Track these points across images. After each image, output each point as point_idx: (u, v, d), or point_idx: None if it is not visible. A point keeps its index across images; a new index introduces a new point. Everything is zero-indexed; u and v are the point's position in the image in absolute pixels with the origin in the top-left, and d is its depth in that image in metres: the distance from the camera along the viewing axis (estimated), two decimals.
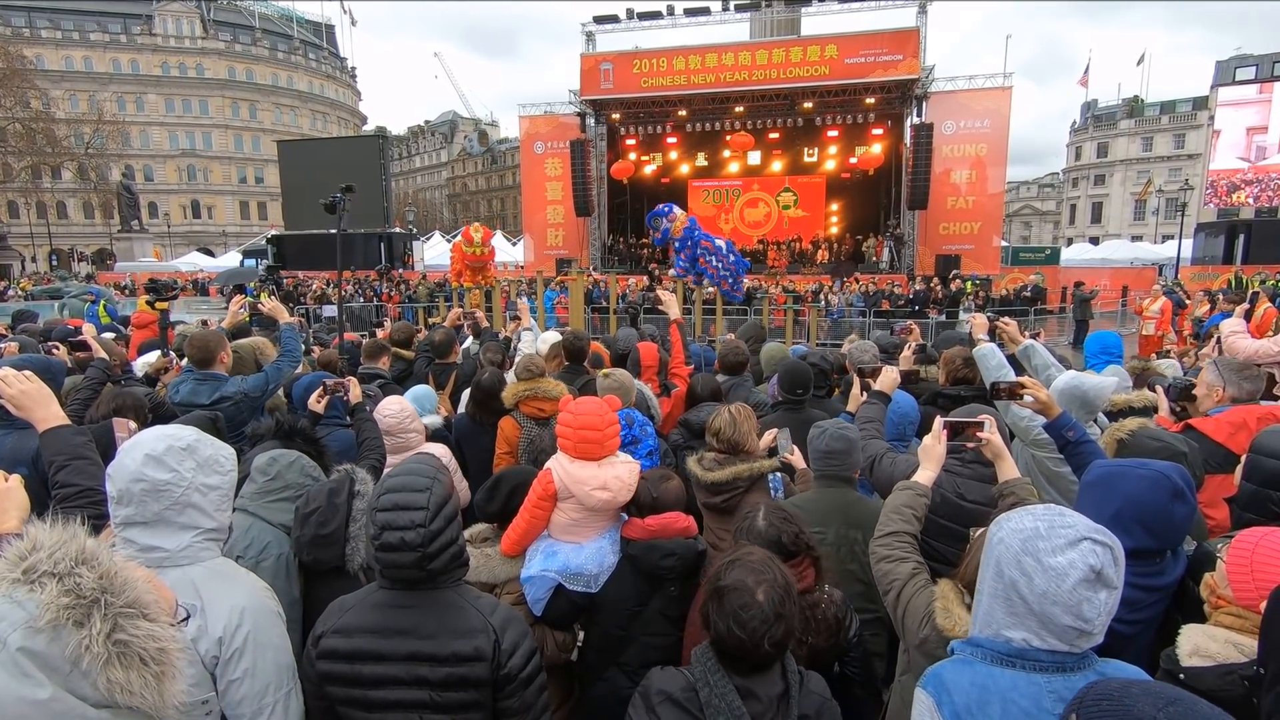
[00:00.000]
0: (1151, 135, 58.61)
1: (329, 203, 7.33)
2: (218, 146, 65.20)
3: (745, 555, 1.74)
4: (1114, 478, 2.02)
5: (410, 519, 1.77)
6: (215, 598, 1.73)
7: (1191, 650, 1.68)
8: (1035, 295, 19.80)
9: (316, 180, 20.95)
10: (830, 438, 2.82)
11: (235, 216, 66.19)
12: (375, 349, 5.36)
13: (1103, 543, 1.31)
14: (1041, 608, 1.31)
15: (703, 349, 5.91)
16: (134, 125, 61.11)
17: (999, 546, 1.40)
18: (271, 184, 57.85)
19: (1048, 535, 1.33)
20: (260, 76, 66.53)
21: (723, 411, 3.05)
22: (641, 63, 25.60)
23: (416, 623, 1.80)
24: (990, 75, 24.82)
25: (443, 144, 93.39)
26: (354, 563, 2.35)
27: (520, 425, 3.97)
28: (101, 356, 4.00)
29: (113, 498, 1.72)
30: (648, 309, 16.09)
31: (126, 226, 42.42)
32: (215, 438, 1.91)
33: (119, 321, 10.41)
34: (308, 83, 70.45)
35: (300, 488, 2.47)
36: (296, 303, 20.89)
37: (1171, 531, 1.95)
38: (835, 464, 2.82)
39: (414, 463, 1.95)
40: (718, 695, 1.60)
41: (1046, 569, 1.30)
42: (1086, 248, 38.07)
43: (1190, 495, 1.95)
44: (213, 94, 64.42)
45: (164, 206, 61.32)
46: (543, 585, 2.49)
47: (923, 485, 2.26)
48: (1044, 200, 73.66)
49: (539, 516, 2.59)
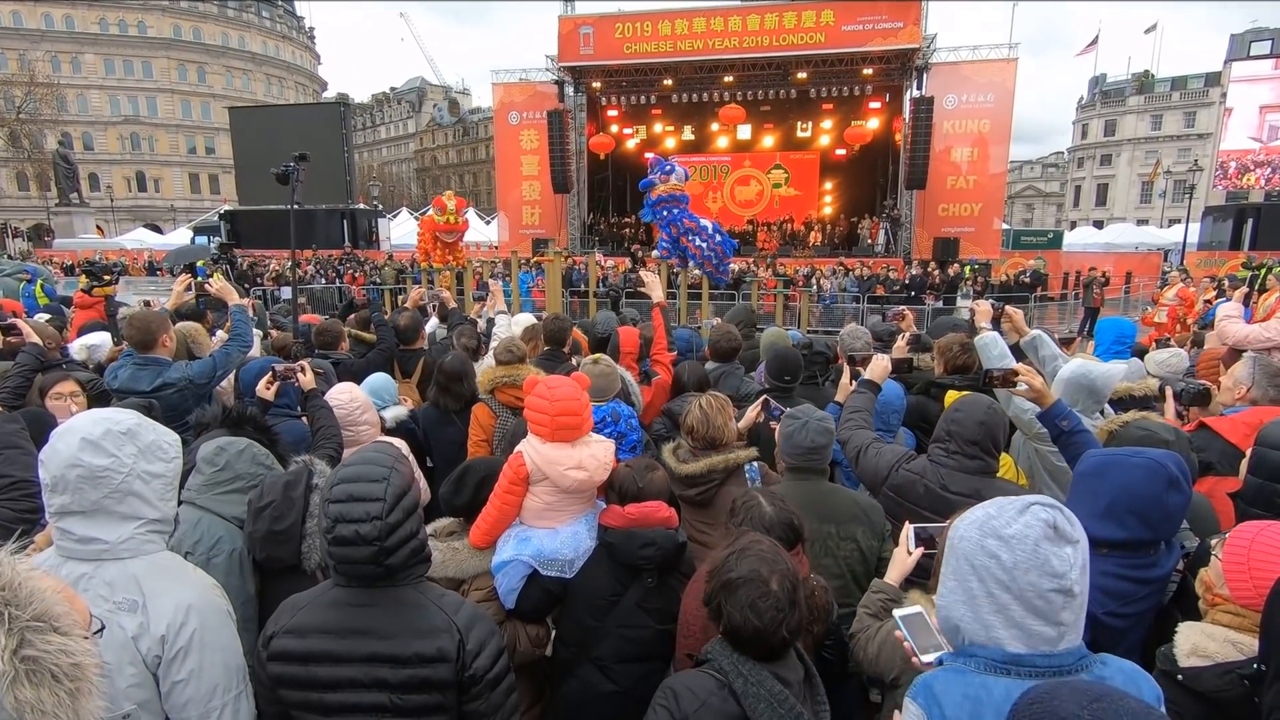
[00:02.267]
0: (1161, 113, 59.23)
1: (280, 172, 7.23)
2: (163, 113, 63.83)
3: (753, 544, 1.81)
4: (1108, 467, 2.06)
5: (365, 510, 1.76)
6: (159, 593, 1.72)
7: (1190, 650, 1.72)
8: (1035, 281, 20.05)
9: (272, 151, 20.59)
10: (814, 432, 2.83)
11: (184, 190, 65.00)
12: (332, 335, 5.28)
13: (1049, 504, 1.39)
14: (1017, 583, 1.35)
15: (691, 334, 5.91)
16: (70, 88, 59.61)
17: (962, 544, 1.44)
18: (224, 155, 56.92)
19: (998, 515, 1.41)
20: (209, 36, 65.02)
21: (694, 408, 3.07)
22: (624, 26, 25.36)
23: (375, 622, 1.79)
24: (995, 45, 24.68)
25: (410, 113, 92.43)
26: (310, 561, 2.34)
27: (495, 414, 3.96)
28: (34, 341, 3.94)
29: (46, 484, 1.70)
30: (629, 292, 16.09)
31: (65, 200, 41.67)
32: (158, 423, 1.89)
33: (58, 302, 10.25)
34: (261, 43, 69.08)
35: (252, 478, 2.45)
36: (253, 284, 20.65)
37: (1166, 522, 1.99)
38: (815, 459, 2.86)
39: (370, 451, 1.94)
40: (754, 684, 1.68)
41: (1008, 540, 1.37)
42: (1090, 231, 38.54)
43: (1186, 484, 1.99)
44: (157, 54, 62.79)
45: (106, 178, 60.12)
46: (516, 574, 2.50)
47: (888, 586, 2.25)
48: (1048, 181, 74.31)
49: (510, 503, 2.60)
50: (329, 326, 5.44)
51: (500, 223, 30.95)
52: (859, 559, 2.76)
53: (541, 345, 4.92)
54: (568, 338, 4.97)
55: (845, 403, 3.38)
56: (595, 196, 29.89)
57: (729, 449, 3.01)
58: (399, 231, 35.52)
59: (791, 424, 2.89)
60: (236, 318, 4.33)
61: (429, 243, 11.56)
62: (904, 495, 2.79)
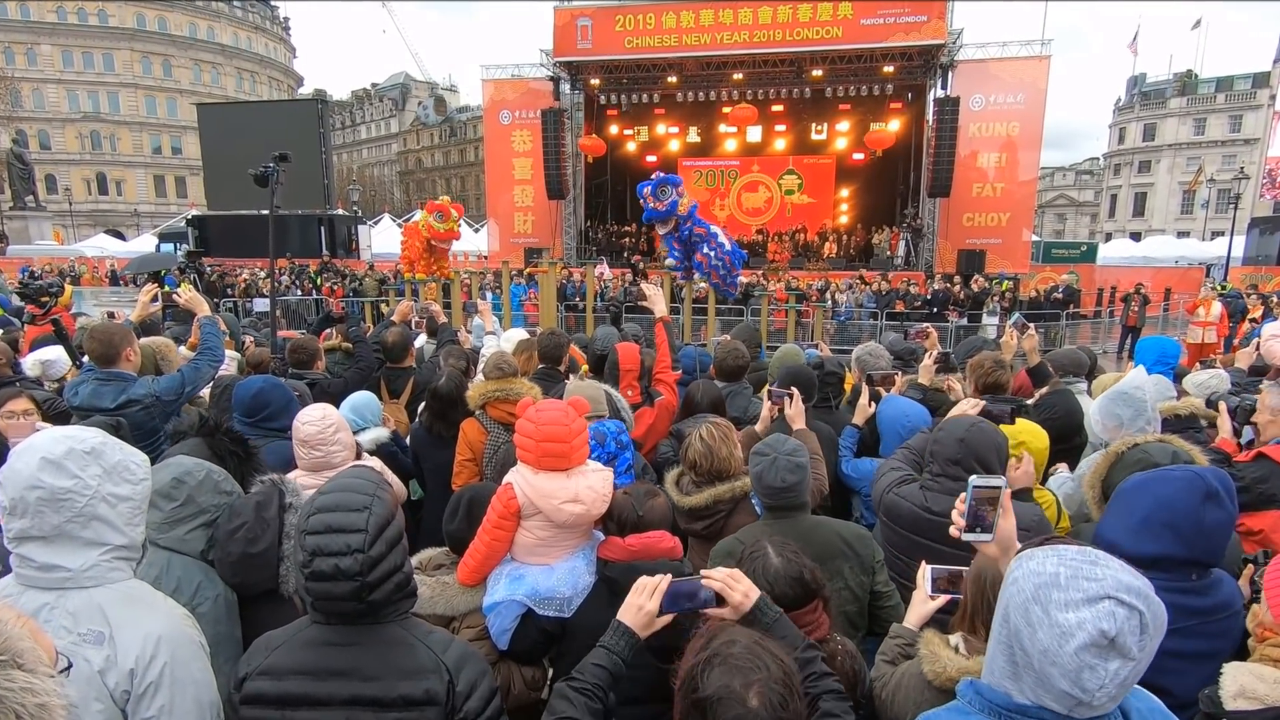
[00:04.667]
0: (1205, 116, 59.73)
1: (259, 174, 7.25)
2: (126, 110, 64.30)
3: (724, 648, 1.61)
4: (1147, 481, 2.10)
5: (346, 543, 1.74)
6: (126, 624, 1.73)
7: (1237, 692, 1.72)
8: (1068, 297, 20.06)
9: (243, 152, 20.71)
10: (784, 470, 2.73)
11: (149, 193, 65.43)
12: (308, 353, 5.25)
13: (1129, 605, 1.27)
14: (1041, 666, 1.31)
15: (698, 352, 5.91)
16: (25, 82, 60.14)
17: (1011, 588, 1.41)
18: (191, 155, 57.30)
19: (1066, 585, 1.32)
20: (175, 26, 65.54)
21: (694, 439, 3.03)
22: (625, 19, 25.42)
23: (357, 662, 1.78)
24: (1026, 42, 24.62)
25: (393, 111, 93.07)
26: (289, 584, 2.35)
27: (486, 430, 3.97)
28: None
29: (4, 507, 1.71)
30: (630, 305, 16.10)
31: (20, 203, 41.79)
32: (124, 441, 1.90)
33: (11, 313, 10.26)
34: (232, 35, 69.69)
35: (217, 510, 2.43)
36: (222, 296, 20.71)
37: (1202, 538, 2.00)
38: (789, 495, 2.76)
39: (349, 477, 1.93)
40: None
41: (1052, 624, 1.30)
42: (1127, 244, 38.72)
43: (1229, 501, 2.00)
44: (119, 46, 63.35)
45: (64, 180, 60.54)
46: (509, 614, 2.49)
47: (906, 630, 2.24)
48: (1081, 189, 74.78)
49: (500, 538, 2.59)
50: (304, 343, 5.39)
51: (490, 231, 31.09)
52: (850, 597, 2.73)
53: (536, 362, 4.92)
54: (564, 355, 4.97)
55: (894, 454, 3.29)
56: (593, 203, 30.06)
57: (734, 477, 3.01)
58: (381, 239, 35.69)
59: (759, 462, 2.79)
60: (207, 331, 4.34)
61: (415, 252, 11.57)
62: (892, 518, 2.84)
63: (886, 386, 4.30)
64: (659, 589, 1.97)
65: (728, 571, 2.01)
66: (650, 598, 1.97)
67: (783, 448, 2.80)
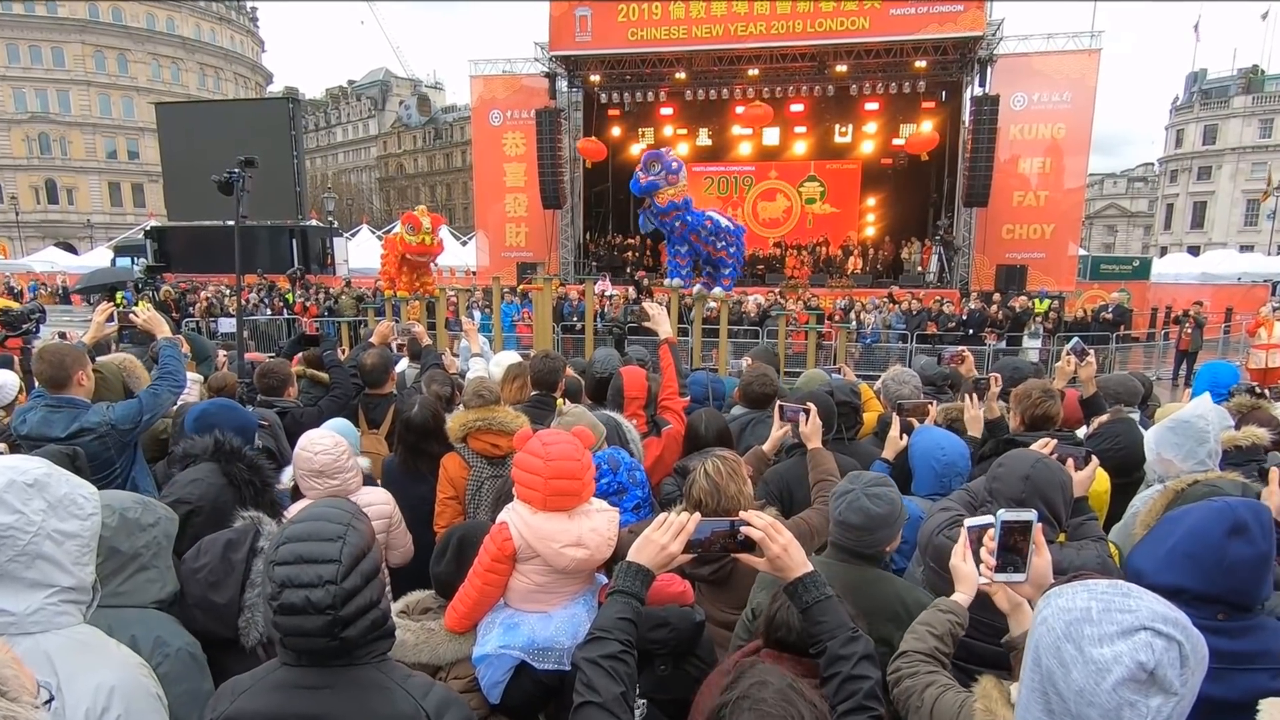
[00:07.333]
0: (1272, 116, 59.90)
1: (224, 180, 7.34)
2: (78, 110, 64.67)
3: (755, 690, 1.65)
4: (1185, 512, 2.15)
5: (317, 574, 1.77)
6: (76, 674, 1.74)
7: None
8: (1118, 318, 20.01)
9: (207, 156, 20.91)
10: (850, 508, 2.71)
11: (103, 202, 65.74)
12: (278, 378, 5.27)
13: (1167, 635, 1.30)
14: (1078, 708, 1.33)
15: (709, 378, 5.88)
16: None
17: (1040, 628, 1.43)
18: (149, 160, 57.58)
19: (1099, 619, 1.34)
20: (131, 17, 65.58)
21: (699, 476, 2.97)
22: (629, 8, 25.30)
23: (329, 708, 1.80)
24: (1074, 34, 24.37)
25: (371, 112, 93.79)
26: (250, 637, 2.36)
27: (469, 465, 4.00)
28: None
29: None
30: (633, 326, 16.18)
31: None
32: (73, 474, 1.94)
33: None
34: (194, 27, 70.01)
35: (149, 545, 2.31)
36: (183, 314, 20.80)
37: (1222, 574, 2.02)
38: (864, 538, 2.75)
39: (323, 506, 1.96)
40: None
41: (1087, 661, 1.32)
42: (1184, 259, 38.67)
43: (1261, 539, 2.02)
44: (69, 39, 63.57)
45: (9, 187, 61.00)
46: (502, 666, 2.47)
47: (957, 605, 2.26)
48: (1134, 198, 74.92)
49: (493, 583, 2.56)
50: (274, 368, 5.42)
51: (479, 244, 31.16)
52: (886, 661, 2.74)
53: (529, 389, 4.91)
54: (559, 380, 4.92)
55: (941, 502, 3.24)
56: (593, 213, 30.11)
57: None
58: (358, 253, 35.79)
59: (839, 502, 2.78)
60: (167, 354, 4.37)
61: (394, 267, 11.63)
62: (941, 564, 2.79)
63: (919, 417, 4.25)
64: (686, 530, 2.04)
65: (769, 520, 2.07)
66: (675, 538, 2.03)
67: (865, 482, 2.78)
